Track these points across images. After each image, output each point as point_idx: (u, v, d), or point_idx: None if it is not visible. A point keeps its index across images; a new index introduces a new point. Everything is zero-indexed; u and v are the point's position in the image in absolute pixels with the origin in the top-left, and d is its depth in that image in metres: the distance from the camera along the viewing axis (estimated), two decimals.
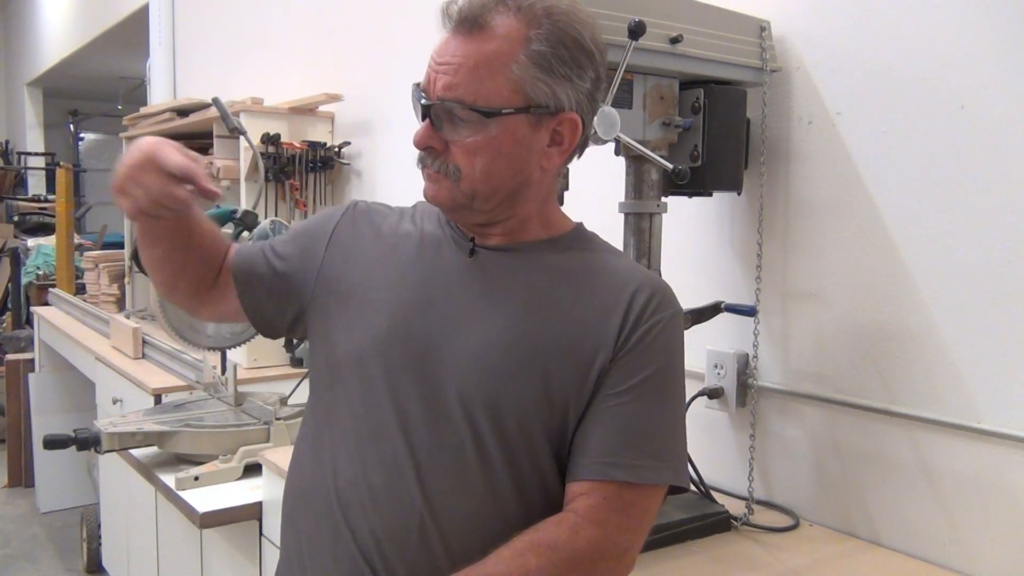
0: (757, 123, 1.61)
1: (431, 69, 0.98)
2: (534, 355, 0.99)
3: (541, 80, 0.96)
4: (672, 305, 1.04)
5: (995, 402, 1.33)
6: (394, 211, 1.17)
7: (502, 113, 0.96)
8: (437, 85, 0.97)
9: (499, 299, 1.02)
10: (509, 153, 0.98)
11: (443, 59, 0.97)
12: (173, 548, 2.30)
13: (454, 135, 0.97)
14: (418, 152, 1.02)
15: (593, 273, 1.05)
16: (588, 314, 1.00)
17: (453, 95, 0.96)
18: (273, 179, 2.86)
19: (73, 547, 3.77)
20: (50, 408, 4.10)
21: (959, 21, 1.36)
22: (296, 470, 1.10)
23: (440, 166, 0.99)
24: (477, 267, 1.05)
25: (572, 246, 1.08)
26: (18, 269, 5.68)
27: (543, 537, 0.94)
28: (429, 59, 0.99)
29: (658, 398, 1.00)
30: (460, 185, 0.99)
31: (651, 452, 0.98)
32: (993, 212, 1.33)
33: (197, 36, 4.58)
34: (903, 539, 1.46)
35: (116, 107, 8.39)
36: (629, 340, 0.99)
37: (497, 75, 0.95)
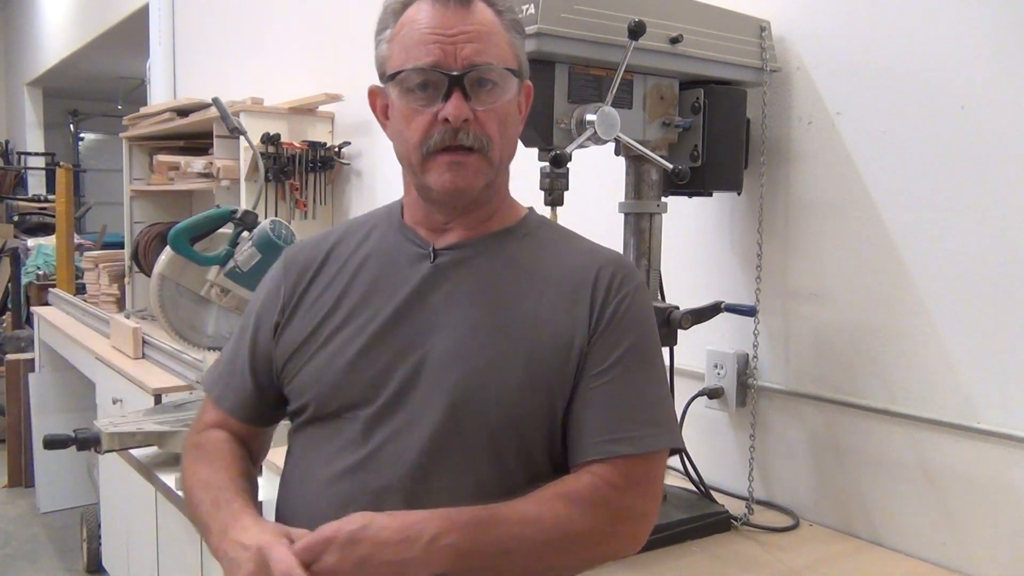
0: (757, 123, 1.61)
1: (443, 43, 0.97)
2: (511, 348, 1.00)
3: (519, 45, 1.04)
4: (635, 278, 1.08)
5: (995, 402, 1.33)
6: (326, 242, 1.14)
7: (515, 72, 1.02)
8: (462, 53, 0.97)
9: (467, 299, 1.03)
10: (515, 119, 1.05)
11: (454, 30, 0.98)
12: (173, 548, 2.30)
13: (481, 103, 0.99)
14: (435, 136, 0.99)
15: (555, 259, 1.07)
16: (558, 301, 1.03)
17: (484, 59, 0.98)
18: (273, 179, 2.86)
19: (73, 547, 3.76)
20: (50, 408, 4.10)
21: (959, 21, 1.36)
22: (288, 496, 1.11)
23: (475, 139, 0.99)
24: (440, 271, 1.05)
25: (530, 232, 1.10)
26: (18, 269, 5.68)
27: (569, 489, 0.97)
28: (419, 36, 0.98)
29: (641, 368, 1.03)
30: (490, 156, 1.01)
31: (647, 420, 1.00)
32: (993, 212, 1.33)
33: (197, 36, 4.58)
34: (903, 539, 1.46)
35: (116, 107, 8.38)
36: (602, 319, 1.02)
37: (500, 39, 1.01)
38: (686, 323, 1.48)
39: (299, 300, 1.10)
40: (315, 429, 1.06)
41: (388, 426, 1.00)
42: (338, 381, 1.03)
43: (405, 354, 1.01)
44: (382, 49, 1.04)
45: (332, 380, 1.04)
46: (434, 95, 0.99)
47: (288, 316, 1.10)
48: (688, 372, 1.73)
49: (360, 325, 1.04)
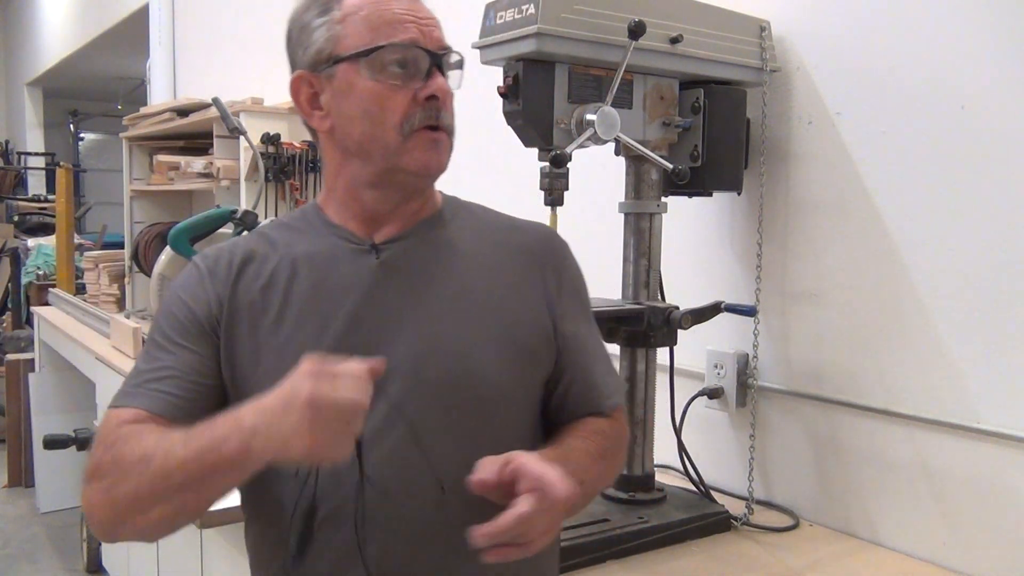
0: (757, 123, 1.61)
1: (418, 23, 0.98)
2: (481, 331, 1.00)
3: None
4: (558, 235, 1.14)
5: (995, 402, 1.34)
6: (236, 251, 1.04)
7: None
8: (433, 35, 0.99)
9: (422, 291, 1.01)
10: None
11: (421, 14, 0.99)
12: (173, 548, 2.30)
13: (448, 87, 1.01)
14: (418, 114, 0.98)
15: (490, 238, 1.08)
16: (513, 276, 1.05)
17: (449, 44, 1.00)
18: (273, 179, 2.86)
19: (73, 547, 3.77)
20: (50, 408, 4.10)
21: (959, 21, 1.36)
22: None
23: (449, 119, 1.01)
24: (387, 267, 1.01)
25: (455, 215, 1.10)
26: (18, 269, 5.69)
27: (601, 428, 1.05)
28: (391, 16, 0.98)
29: (593, 324, 1.13)
30: (451, 140, 1.02)
31: (612, 369, 1.13)
32: (993, 212, 1.33)
33: (197, 36, 4.58)
34: (903, 539, 1.46)
35: (116, 107, 8.39)
36: (562, 284, 1.08)
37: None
38: (686, 323, 1.49)
39: (231, 309, 1.00)
40: None
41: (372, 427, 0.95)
42: None
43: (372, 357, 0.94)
44: (334, 30, 0.99)
45: None
46: (412, 73, 0.98)
47: (226, 325, 1.00)
48: (688, 372, 1.73)
49: (312, 334, 0.97)
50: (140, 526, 0.90)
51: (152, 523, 0.89)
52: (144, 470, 0.87)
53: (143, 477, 0.87)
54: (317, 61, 1.01)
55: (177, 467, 0.85)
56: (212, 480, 0.86)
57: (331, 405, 0.79)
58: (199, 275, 1.02)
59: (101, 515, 0.90)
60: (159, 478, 0.86)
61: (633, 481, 1.55)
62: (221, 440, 0.84)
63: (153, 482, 0.87)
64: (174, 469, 0.85)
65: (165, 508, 0.88)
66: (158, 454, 0.87)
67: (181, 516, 0.91)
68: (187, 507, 0.89)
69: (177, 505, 0.88)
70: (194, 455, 0.85)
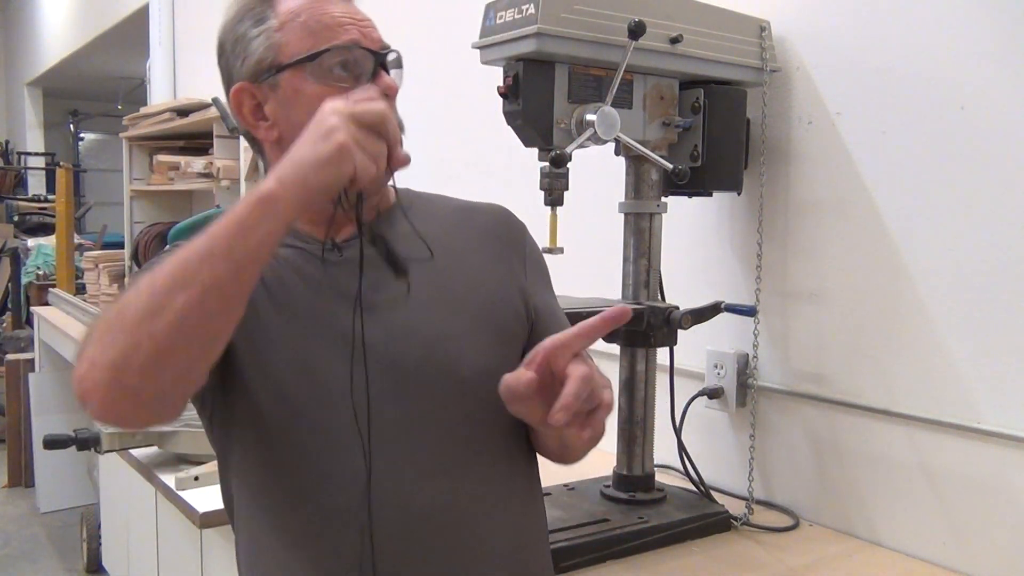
0: (757, 123, 1.61)
1: (355, 24, 0.99)
2: (458, 314, 1.00)
3: None
4: (514, 214, 1.15)
5: (995, 402, 1.33)
6: None
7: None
8: (373, 36, 1.00)
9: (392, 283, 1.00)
10: None
11: (358, 16, 1.00)
12: (173, 548, 2.30)
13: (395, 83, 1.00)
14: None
15: (448, 222, 1.09)
16: (480, 256, 1.06)
17: (387, 44, 1.01)
18: None
19: (73, 547, 3.77)
20: (50, 408, 4.10)
21: (959, 21, 1.36)
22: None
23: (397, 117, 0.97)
24: (352, 262, 0.98)
25: (411, 204, 1.09)
26: (18, 269, 5.69)
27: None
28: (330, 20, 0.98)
29: (553, 291, 1.15)
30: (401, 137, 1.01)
31: None
32: (993, 212, 1.33)
33: (197, 36, 4.58)
34: (903, 539, 1.46)
35: (116, 107, 8.38)
36: (527, 258, 1.10)
37: None
38: (686, 323, 1.49)
39: None
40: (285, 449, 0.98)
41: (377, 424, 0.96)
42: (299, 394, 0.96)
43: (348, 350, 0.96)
44: (274, 39, 0.98)
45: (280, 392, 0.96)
46: (357, 74, 0.97)
47: None
48: (688, 372, 1.73)
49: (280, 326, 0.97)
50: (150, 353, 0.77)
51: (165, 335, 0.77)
52: (147, 281, 0.79)
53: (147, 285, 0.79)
54: (258, 71, 1.00)
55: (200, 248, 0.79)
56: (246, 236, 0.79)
57: (357, 111, 0.80)
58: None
59: (99, 369, 0.79)
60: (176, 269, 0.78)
61: (633, 481, 1.55)
62: (246, 197, 0.81)
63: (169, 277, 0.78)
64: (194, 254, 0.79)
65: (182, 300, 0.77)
66: (168, 258, 0.80)
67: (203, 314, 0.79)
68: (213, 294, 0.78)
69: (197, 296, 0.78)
70: (219, 226, 0.79)
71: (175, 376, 0.81)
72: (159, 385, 0.80)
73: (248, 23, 1.01)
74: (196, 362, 0.83)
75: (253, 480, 1.01)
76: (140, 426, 0.83)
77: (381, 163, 0.82)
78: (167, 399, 0.83)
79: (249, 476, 1.01)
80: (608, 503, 1.53)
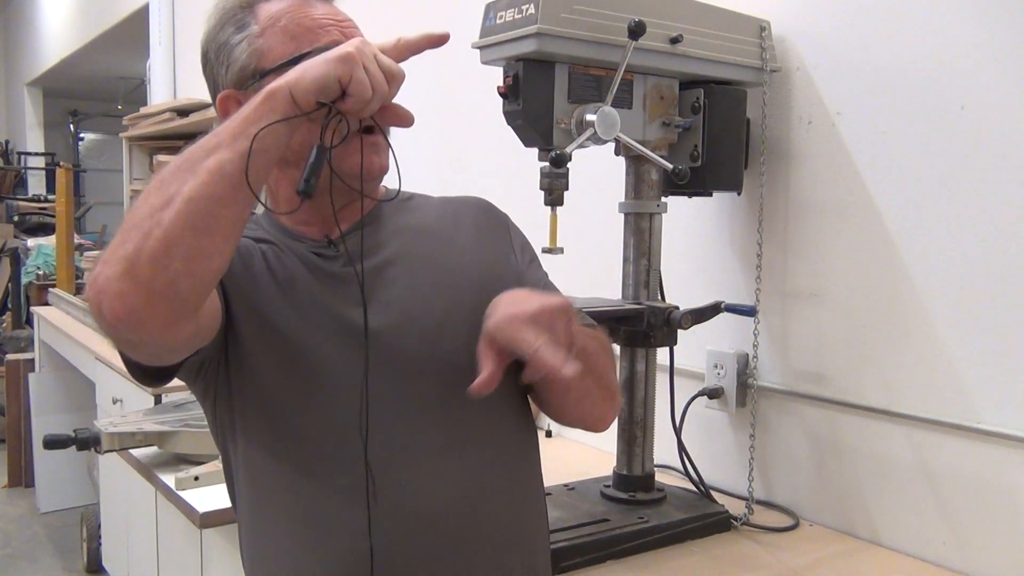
0: (757, 123, 1.61)
1: (336, 26, 0.99)
2: (457, 299, 1.02)
3: None
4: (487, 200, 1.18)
5: (995, 402, 1.33)
6: None
7: None
8: (355, 37, 0.99)
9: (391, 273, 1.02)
10: None
11: (338, 17, 1.01)
12: (173, 548, 2.30)
13: None
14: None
15: (437, 215, 1.11)
16: (472, 243, 1.08)
17: None
18: None
19: (73, 547, 3.77)
20: (50, 408, 4.10)
21: (959, 21, 1.36)
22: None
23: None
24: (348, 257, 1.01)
25: (402, 199, 1.12)
26: (18, 269, 5.68)
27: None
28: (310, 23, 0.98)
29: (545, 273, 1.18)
30: (388, 140, 1.02)
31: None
32: (993, 212, 1.33)
33: (197, 36, 4.56)
34: (903, 539, 1.46)
35: (116, 107, 8.39)
36: (514, 242, 1.14)
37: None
38: (686, 323, 1.49)
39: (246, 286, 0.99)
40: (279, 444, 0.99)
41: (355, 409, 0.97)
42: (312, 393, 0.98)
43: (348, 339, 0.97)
44: (255, 44, 0.99)
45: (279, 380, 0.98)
46: None
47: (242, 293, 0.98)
48: (688, 372, 1.73)
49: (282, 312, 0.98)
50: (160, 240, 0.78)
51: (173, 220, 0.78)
52: (156, 180, 0.81)
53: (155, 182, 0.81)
54: (242, 78, 1.01)
55: (205, 140, 0.81)
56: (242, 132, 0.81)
57: (379, 53, 0.85)
58: None
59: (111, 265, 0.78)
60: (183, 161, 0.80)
61: (633, 481, 1.55)
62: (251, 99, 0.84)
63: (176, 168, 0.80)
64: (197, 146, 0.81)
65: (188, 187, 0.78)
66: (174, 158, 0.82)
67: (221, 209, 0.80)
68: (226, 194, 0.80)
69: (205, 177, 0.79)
70: (223, 124, 0.83)
71: (185, 264, 0.79)
72: (170, 273, 0.78)
73: (230, 30, 1.02)
74: (206, 252, 0.80)
75: (256, 463, 1.02)
76: (155, 331, 0.80)
77: (379, 91, 0.84)
78: (179, 292, 0.80)
79: (251, 460, 1.02)
80: (608, 503, 1.53)
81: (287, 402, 0.98)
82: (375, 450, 0.95)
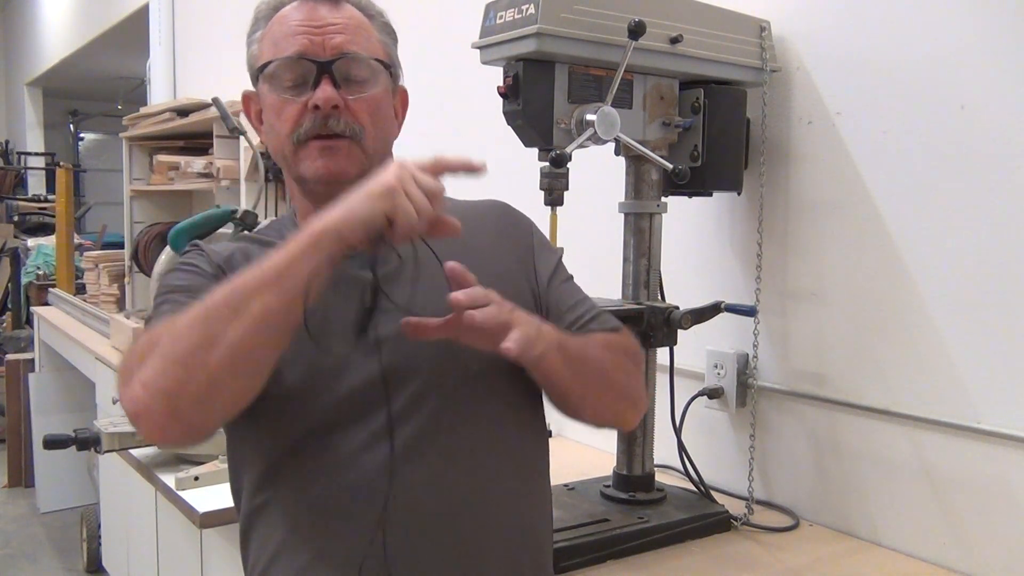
0: (757, 123, 1.61)
1: (311, 33, 0.99)
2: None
3: (391, 46, 1.08)
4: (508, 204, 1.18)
5: (995, 402, 1.33)
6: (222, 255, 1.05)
7: (387, 65, 1.04)
8: (331, 43, 1.00)
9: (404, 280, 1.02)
10: (387, 112, 1.05)
11: (324, 22, 1.01)
12: (173, 548, 2.30)
13: (351, 92, 1.00)
14: (305, 124, 0.98)
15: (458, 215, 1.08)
16: (487, 249, 1.08)
17: (353, 48, 1.00)
18: (273, 179, 2.85)
19: (73, 547, 3.77)
20: (50, 408, 4.10)
21: (959, 21, 1.36)
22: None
23: (346, 126, 0.99)
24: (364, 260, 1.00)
25: None
26: (18, 269, 5.69)
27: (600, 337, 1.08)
28: (287, 30, 1.00)
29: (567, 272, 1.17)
30: (364, 145, 1.01)
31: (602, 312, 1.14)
32: (993, 212, 1.33)
33: (197, 36, 4.58)
34: (903, 539, 1.46)
35: (116, 107, 8.40)
36: (532, 246, 1.13)
37: (371, 36, 1.04)
38: (686, 323, 1.49)
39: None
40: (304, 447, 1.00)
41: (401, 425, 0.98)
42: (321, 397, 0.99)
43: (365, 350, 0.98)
44: (253, 49, 1.05)
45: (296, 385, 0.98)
46: (304, 86, 1.00)
47: None
48: (688, 372, 1.73)
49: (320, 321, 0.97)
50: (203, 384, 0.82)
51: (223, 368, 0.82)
52: (200, 312, 0.83)
53: (200, 315, 0.83)
54: (252, 78, 1.07)
55: (251, 279, 0.83)
56: (293, 268, 0.83)
57: (417, 173, 0.85)
58: (202, 252, 1.06)
59: (153, 396, 0.83)
60: (229, 299, 0.83)
61: (633, 481, 1.55)
62: (296, 238, 0.84)
63: (222, 307, 0.82)
64: (247, 282, 0.83)
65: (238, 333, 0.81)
66: (218, 290, 0.84)
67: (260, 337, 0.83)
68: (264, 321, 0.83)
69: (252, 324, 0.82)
70: (268, 262, 0.84)
71: (226, 404, 0.87)
72: (211, 413, 0.87)
73: (250, 31, 1.07)
74: (246, 391, 0.87)
75: (267, 461, 1.02)
76: (186, 445, 0.95)
77: (424, 215, 0.84)
78: (216, 423, 0.91)
79: (262, 457, 1.03)
80: (608, 503, 1.53)
81: (300, 400, 0.99)
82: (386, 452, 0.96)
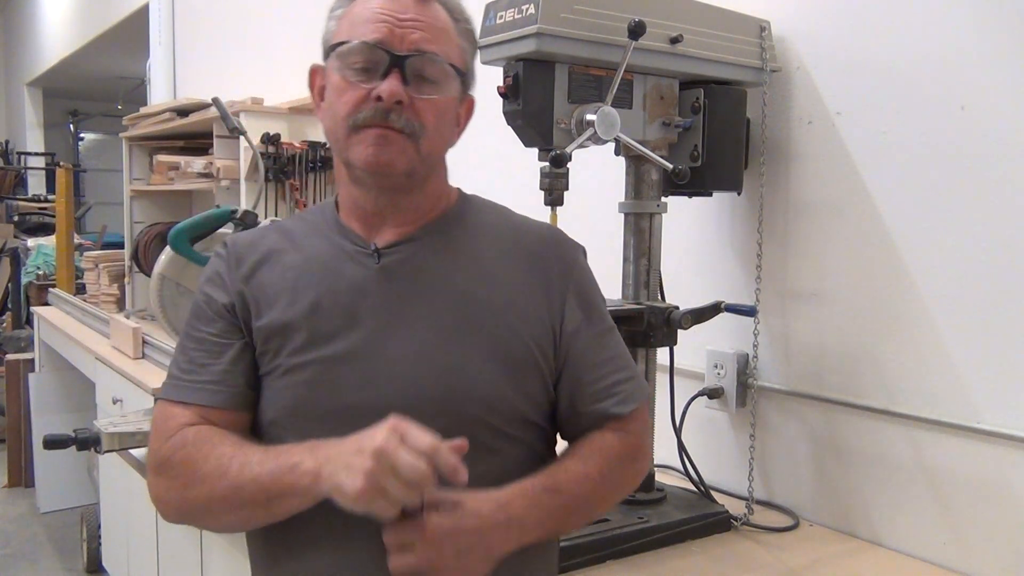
0: (757, 123, 1.61)
1: (393, 24, 0.97)
2: (478, 342, 0.99)
3: (469, 53, 1.05)
4: (575, 244, 1.11)
5: (995, 402, 1.34)
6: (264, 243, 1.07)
7: (461, 72, 1.02)
8: (410, 38, 0.98)
9: (420, 300, 1.01)
10: (449, 118, 1.03)
11: (406, 16, 0.98)
12: (173, 548, 2.30)
13: (420, 91, 0.98)
14: (364, 112, 0.97)
15: (496, 242, 1.07)
16: (515, 283, 1.04)
17: (431, 48, 0.98)
18: (273, 179, 2.85)
19: (73, 547, 3.76)
20: (50, 408, 4.10)
21: (959, 21, 1.36)
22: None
23: (406, 122, 0.97)
24: (386, 271, 1.01)
25: (464, 217, 1.09)
26: (18, 269, 5.68)
27: (604, 445, 1.04)
28: (369, 14, 0.98)
29: (607, 328, 1.09)
30: (420, 145, 0.99)
31: (632, 375, 1.08)
32: (993, 212, 1.33)
33: (197, 36, 4.58)
34: (903, 539, 1.46)
35: (116, 107, 8.40)
36: (566, 290, 1.05)
37: (451, 39, 1.01)
38: (686, 323, 1.49)
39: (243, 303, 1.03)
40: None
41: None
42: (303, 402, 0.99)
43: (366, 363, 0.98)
44: (330, 25, 1.03)
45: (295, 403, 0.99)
46: (373, 74, 0.98)
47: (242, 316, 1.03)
48: (688, 372, 1.73)
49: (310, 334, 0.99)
50: (208, 525, 1.03)
51: (221, 526, 1.05)
52: (218, 481, 0.93)
53: (216, 487, 0.93)
54: (324, 53, 1.04)
55: (251, 481, 0.91)
56: (282, 500, 0.91)
57: (395, 462, 0.83)
58: (223, 265, 1.06)
59: (172, 510, 0.99)
60: (232, 490, 0.92)
61: None
62: (297, 461, 0.89)
63: (226, 493, 0.93)
64: (248, 482, 0.91)
65: (235, 517, 0.96)
66: (233, 467, 0.93)
67: (249, 524, 1.00)
68: (255, 519, 0.96)
69: (245, 516, 0.95)
70: (268, 473, 0.90)
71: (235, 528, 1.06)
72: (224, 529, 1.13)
73: (332, 8, 1.05)
74: (252, 526, 1.01)
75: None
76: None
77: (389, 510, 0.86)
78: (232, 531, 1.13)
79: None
80: None
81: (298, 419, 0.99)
82: None
